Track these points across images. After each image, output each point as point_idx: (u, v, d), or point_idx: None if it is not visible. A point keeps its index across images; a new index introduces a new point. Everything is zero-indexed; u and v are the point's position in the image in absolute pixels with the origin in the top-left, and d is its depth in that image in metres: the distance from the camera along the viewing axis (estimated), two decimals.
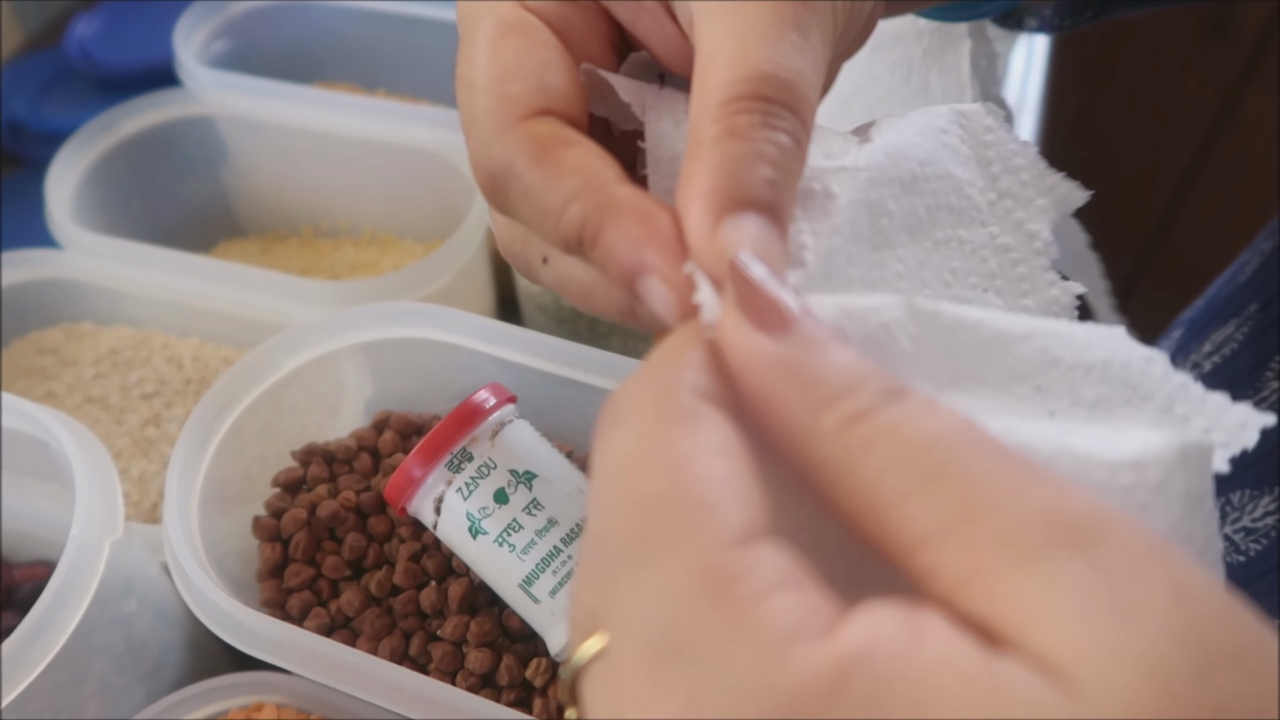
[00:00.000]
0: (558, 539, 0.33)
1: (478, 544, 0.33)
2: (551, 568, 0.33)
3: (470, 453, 0.33)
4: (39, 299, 0.51)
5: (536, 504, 0.33)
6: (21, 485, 0.41)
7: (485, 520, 0.33)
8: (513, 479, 0.33)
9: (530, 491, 0.33)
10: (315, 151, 0.59)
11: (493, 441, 0.34)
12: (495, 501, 0.33)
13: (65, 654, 0.32)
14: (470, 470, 0.33)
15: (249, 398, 0.39)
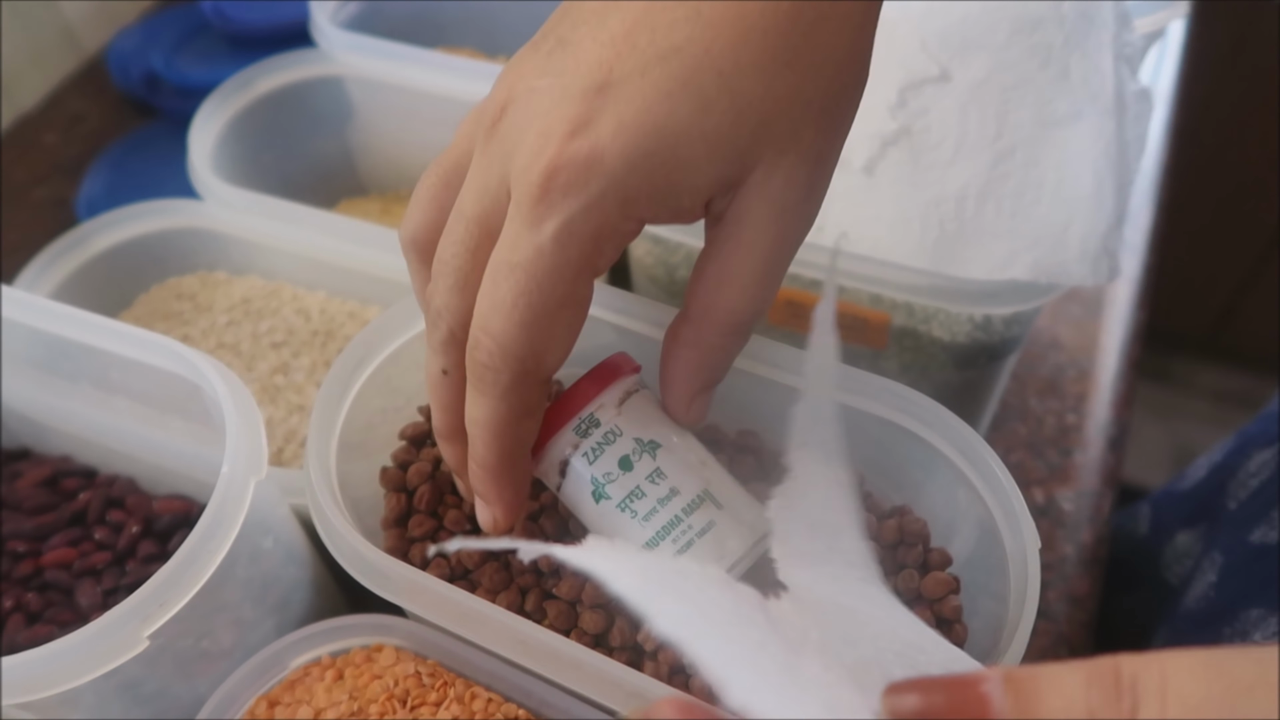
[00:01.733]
0: (679, 508, 0.33)
1: (600, 508, 0.34)
2: (671, 535, 0.33)
3: (597, 419, 0.34)
4: (180, 246, 0.54)
5: (659, 473, 0.34)
6: (165, 422, 0.43)
7: (609, 485, 0.33)
8: (637, 447, 0.34)
9: (654, 460, 0.34)
10: (437, 114, 0.60)
11: (619, 409, 0.34)
12: (620, 468, 0.33)
13: (211, 583, 0.34)
14: (597, 436, 0.34)
15: (385, 352, 0.41)
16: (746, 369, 0.40)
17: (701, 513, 0.33)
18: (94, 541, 0.44)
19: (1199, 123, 1.21)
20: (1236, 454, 0.55)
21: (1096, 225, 0.44)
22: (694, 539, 0.33)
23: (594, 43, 0.25)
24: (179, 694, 0.39)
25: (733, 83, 0.24)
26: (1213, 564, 0.52)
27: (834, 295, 0.33)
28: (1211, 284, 1.47)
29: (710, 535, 0.33)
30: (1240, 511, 0.49)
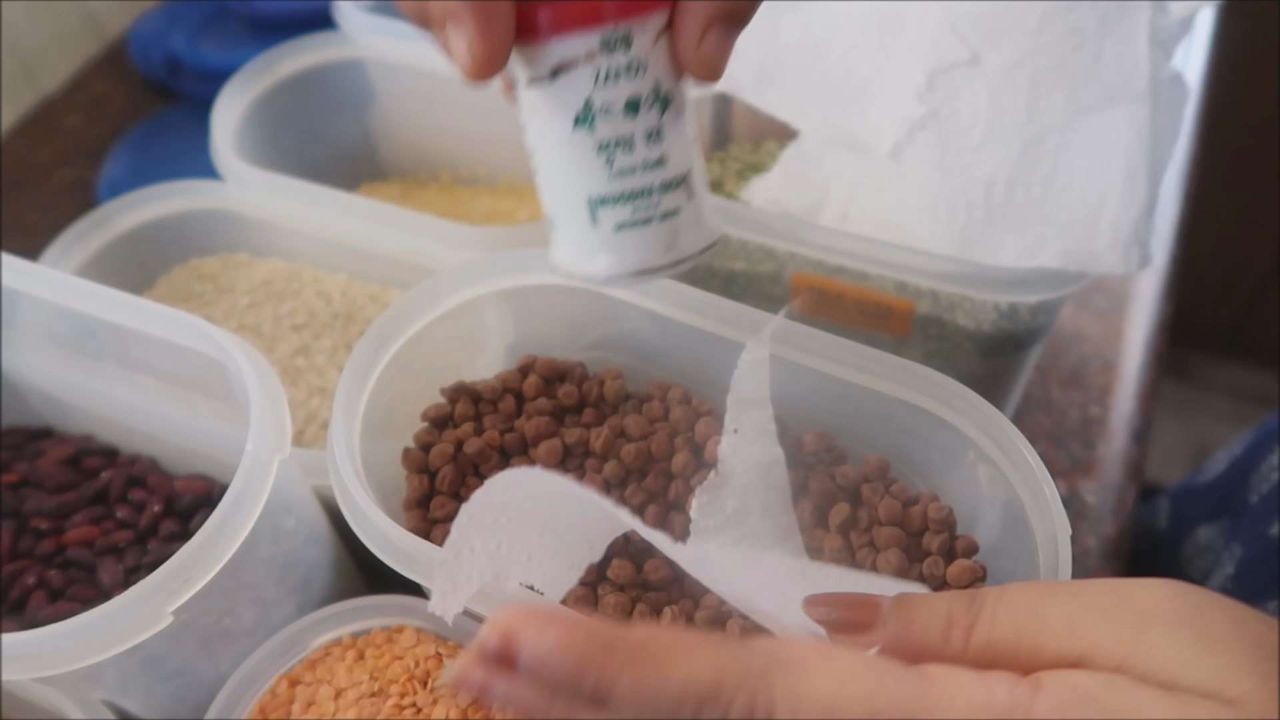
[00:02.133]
0: (658, 180, 0.29)
1: (573, 137, 0.28)
2: (634, 205, 0.29)
3: (631, 39, 0.27)
4: (202, 227, 0.54)
5: (658, 134, 0.28)
6: (190, 401, 0.43)
7: (601, 120, 0.28)
8: (652, 93, 0.28)
9: (659, 117, 0.28)
10: (457, 98, 0.60)
11: (655, 42, 0.27)
12: (625, 109, 0.28)
13: (234, 560, 0.34)
14: (621, 59, 0.27)
15: (407, 333, 0.41)
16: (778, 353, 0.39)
17: (674, 195, 0.29)
18: (116, 520, 0.44)
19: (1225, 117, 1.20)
20: (1258, 448, 0.54)
21: (1128, 212, 0.43)
22: (653, 218, 0.29)
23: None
24: (200, 671, 0.39)
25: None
26: (1231, 556, 0.51)
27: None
28: (1233, 282, 1.46)
29: (670, 222, 0.30)
30: (1261, 505, 0.48)
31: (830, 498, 0.38)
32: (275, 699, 0.38)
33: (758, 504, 0.36)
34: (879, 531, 0.36)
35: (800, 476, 0.38)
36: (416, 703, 0.37)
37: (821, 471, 0.38)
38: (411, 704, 0.37)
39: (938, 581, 0.36)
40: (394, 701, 0.37)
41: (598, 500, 0.27)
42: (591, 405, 0.42)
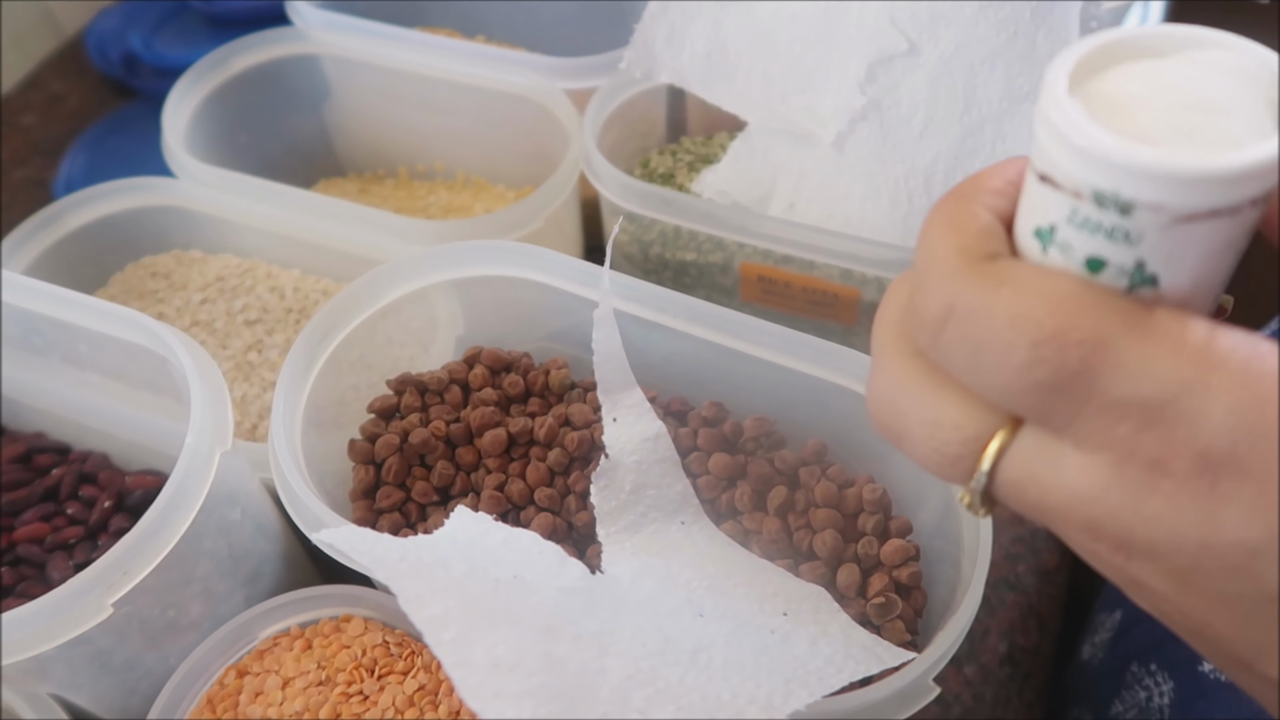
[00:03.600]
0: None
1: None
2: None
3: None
4: (154, 224, 0.54)
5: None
6: (137, 398, 0.43)
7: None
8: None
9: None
10: (415, 94, 0.60)
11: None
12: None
13: (176, 553, 0.35)
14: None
15: (350, 325, 0.41)
16: (719, 342, 0.40)
17: None
18: (66, 517, 0.44)
19: None
20: None
21: None
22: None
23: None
24: (150, 665, 0.39)
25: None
26: None
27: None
28: None
29: None
30: None
31: (769, 481, 0.38)
32: (223, 690, 0.38)
33: (652, 477, 0.38)
34: (815, 513, 0.37)
35: (740, 461, 0.39)
36: (363, 690, 0.37)
37: (760, 456, 0.39)
38: (358, 692, 0.37)
39: (872, 561, 0.36)
40: (341, 690, 0.37)
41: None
42: (537, 395, 0.42)
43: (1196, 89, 0.19)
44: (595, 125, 0.53)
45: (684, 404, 0.41)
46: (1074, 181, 0.18)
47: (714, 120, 0.60)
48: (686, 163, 0.57)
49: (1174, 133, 0.18)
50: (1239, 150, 0.17)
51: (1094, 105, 0.19)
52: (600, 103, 0.54)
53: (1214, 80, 0.19)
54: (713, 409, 0.41)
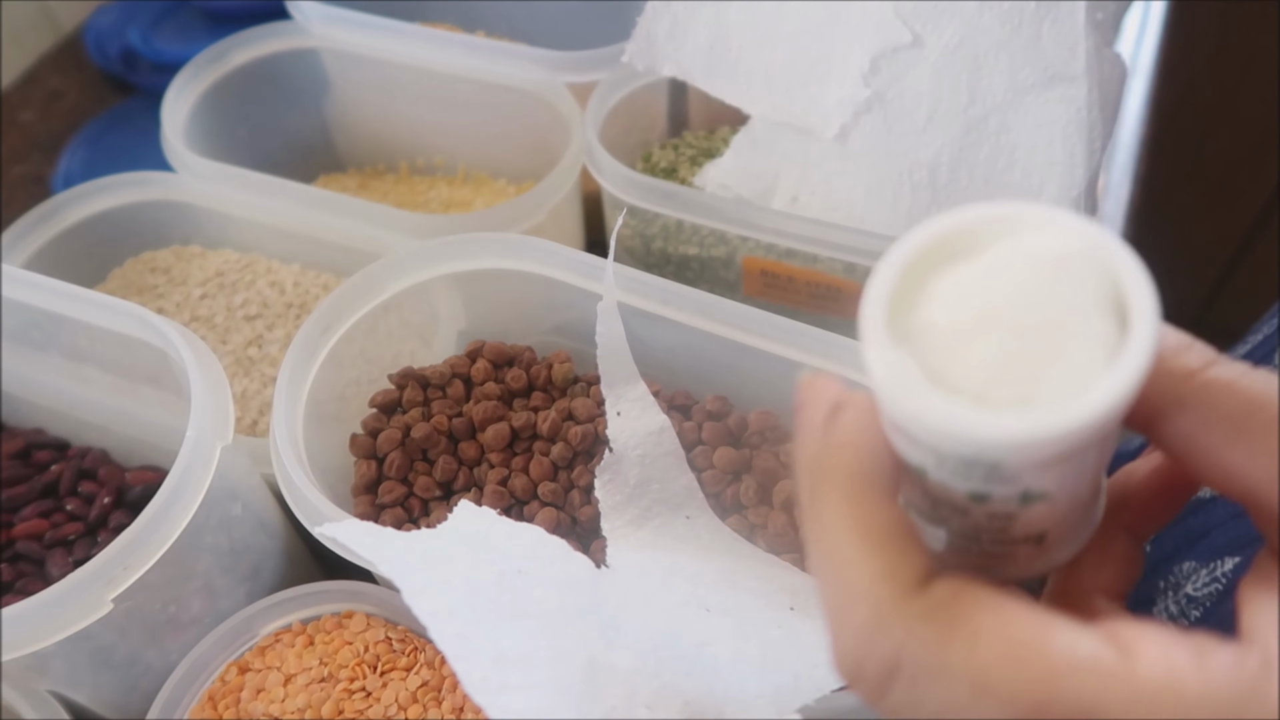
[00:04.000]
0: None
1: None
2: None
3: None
4: (153, 219, 0.53)
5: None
6: (137, 392, 0.43)
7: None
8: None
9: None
10: (415, 88, 0.60)
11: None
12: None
13: (177, 549, 0.34)
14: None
15: (351, 319, 0.41)
16: (723, 335, 0.40)
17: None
18: (66, 513, 0.44)
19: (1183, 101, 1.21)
20: None
21: (1068, 191, 0.44)
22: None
23: None
24: (150, 661, 0.39)
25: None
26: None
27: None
28: (1199, 264, 1.48)
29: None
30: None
31: (774, 475, 0.38)
32: (225, 686, 0.38)
33: (657, 471, 0.37)
34: None
35: (744, 455, 0.39)
36: (366, 687, 0.37)
37: (766, 450, 0.39)
38: (361, 688, 0.37)
39: None
40: (343, 686, 0.37)
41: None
42: (540, 389, 0.42)
43: (1027, 303, 0.17)
44: (597, 119, 0.53)
45: (688, 398, 0.41)
46: (930, 446, 0.17)
47: (716, 114, 0.60)
48: (689, 157, 0.57)
49: (1015, 376, 0.17)
50: (1082, 398, 0.16)
51: (922, 348, 0.17)
52: (601, 96, 0.54)
53: (1044, 285, 0.17)
54: (717, 403, 0.41)
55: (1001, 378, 0.17)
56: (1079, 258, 0.17)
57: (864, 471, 0.18)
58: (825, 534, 0.18)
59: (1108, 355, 0.16)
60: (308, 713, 0.36)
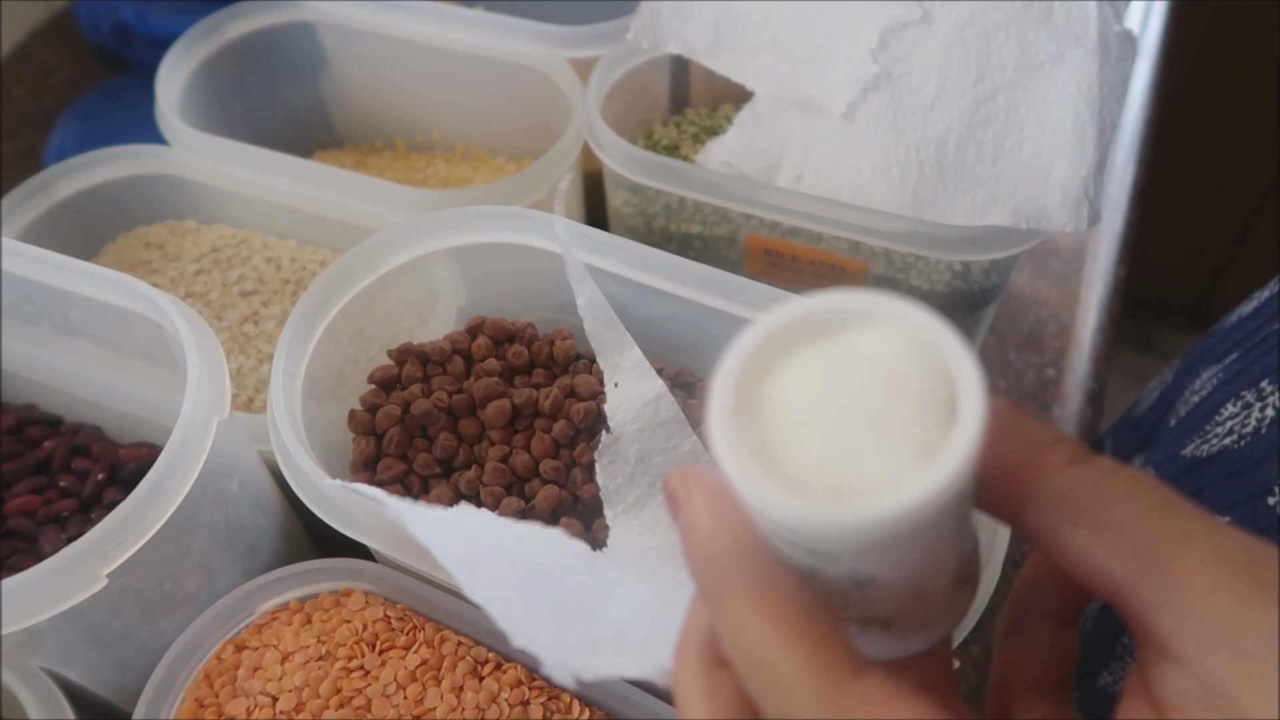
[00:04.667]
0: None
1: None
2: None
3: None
4: (146, 194, 0.53)
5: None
6: (132, 367, 0.42)
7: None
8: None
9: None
10: (413, 63, 0.59)
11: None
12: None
13: (172, 524, 0.34)
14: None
15: (349, 294, 0.40)
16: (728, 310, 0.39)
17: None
18: (59, 489, 0.43)
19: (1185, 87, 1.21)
20: (1185, 373, 0.55)
21: (1077, 170, 0.43)
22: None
23: None
24: (145, 639, 0.38)
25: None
26: None
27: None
28: (1196, 252, 1.47)
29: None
30: (1178, 428, 0.48)
31: None
32: (221, 664, 0.37)
33: (657, 442, 0.37)
34: None
35: None
36: (364, 665, 0.36)
37: None
38: (359, 667, 0.36)
39: None
40: (341, 665, 0.36)
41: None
42: (541, 366, 0.41)
43: (858, 396, 0.17)
44: (599, 95, 0.52)
45: (692, 375, 0.41)
46: (757, 513, 0.17)
47: (718, 92, 0.59)
48: (691, 134, 0.56)
49: (836, 466, 0.17)
50: (887, 496, 0.16)
51: (763, 426, 0.18)
52: (603, 72, 0.53)
53: (877, 380, 0.17)
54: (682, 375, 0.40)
55: (824, 465, 0.17)
56: (919, 355, 0.17)
57: (748, 550, 0.18)
58: (736, 631, 0.17)
59: (924, 455, 0.17)
60: (305, 691, 0.36)
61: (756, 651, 0.17)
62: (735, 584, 0.17)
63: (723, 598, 0.18)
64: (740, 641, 0.17)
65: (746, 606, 0.17)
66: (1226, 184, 1.35)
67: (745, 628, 0.17)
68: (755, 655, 0.17)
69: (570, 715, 0.36)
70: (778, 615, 0.17)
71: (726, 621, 0.18)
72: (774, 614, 0.17)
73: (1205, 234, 1.44)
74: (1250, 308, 0.48)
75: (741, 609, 0.17)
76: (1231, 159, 1.31)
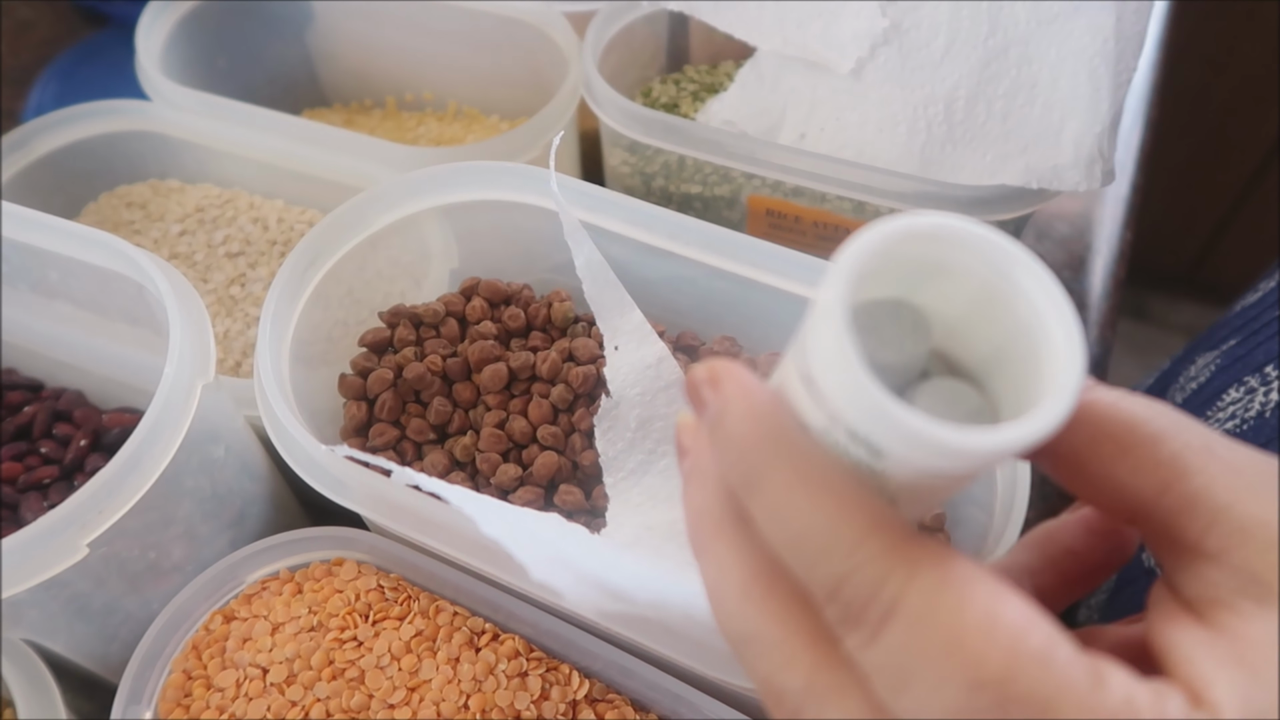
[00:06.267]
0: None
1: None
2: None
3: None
4: (128, 151, 0.51)
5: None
6: (114, 330, 0.41)
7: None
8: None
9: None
10: (403, 17, 0.57)
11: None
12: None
13: (156, 491, 0.32)
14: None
15: (338, 253, 0.39)
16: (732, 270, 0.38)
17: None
18: (40, 456, 0.42)
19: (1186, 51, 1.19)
20: (1182, 361, 0.54)
21: (1091, 127, 0.42)
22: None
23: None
24: (131, 610, 0.37)
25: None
26: None
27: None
28: (1191, 220, 1.46)
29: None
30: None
31: None
32: (209, 635, 0.36)
33: (659, 406, 0.36)
34: None
35: None
36: (357, 636, 0.35)
37: None
38: (352, 638, 0.35)
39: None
40: (334, 635, 0.35)
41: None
42: (538, 329, 0.40)
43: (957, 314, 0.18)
44: (595, 50, 0.50)
45: (695, 339, 0.39)
46: (835, 407, 0.17)
47: (718, 48, 0.58)
48: (690, 92, 0.55)
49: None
50: (994, 431, 0.16)
51: (858, 320, 0.18)
52: (600, 26, 0.51)
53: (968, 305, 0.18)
54: (725, 344, 0.39)
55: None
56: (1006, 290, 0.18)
57: (789, 434, 0.18)
58: (781, 507, 0.17)
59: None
60: (296, 663, 0.35)
61: (807, 521, 0.17)
62: (779, 462, 0.17)
63: (763, 478, 0.18)
64: (786, 516, 0.17)
65: (793, 481, 0.17)
66: (1225, 150, 1.34)
67: (791, 503, 0.17)
68: (805, 525, 0.17)
69: (569, 686, 0.35)
70: (829, 487, 0.17)
71: (769, 499, 0.18)
72: (826, 486, 0.17)
73: (1201, 202, 1.43)
74: (1254, 298, 0.47)
75: (788, 484, 0.17)
76: (1230, 124, 1.30)
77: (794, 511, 0.17)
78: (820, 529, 0.17)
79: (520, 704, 0.34)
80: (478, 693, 0.34)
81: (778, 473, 0.17)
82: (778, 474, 0.17)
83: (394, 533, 0.34)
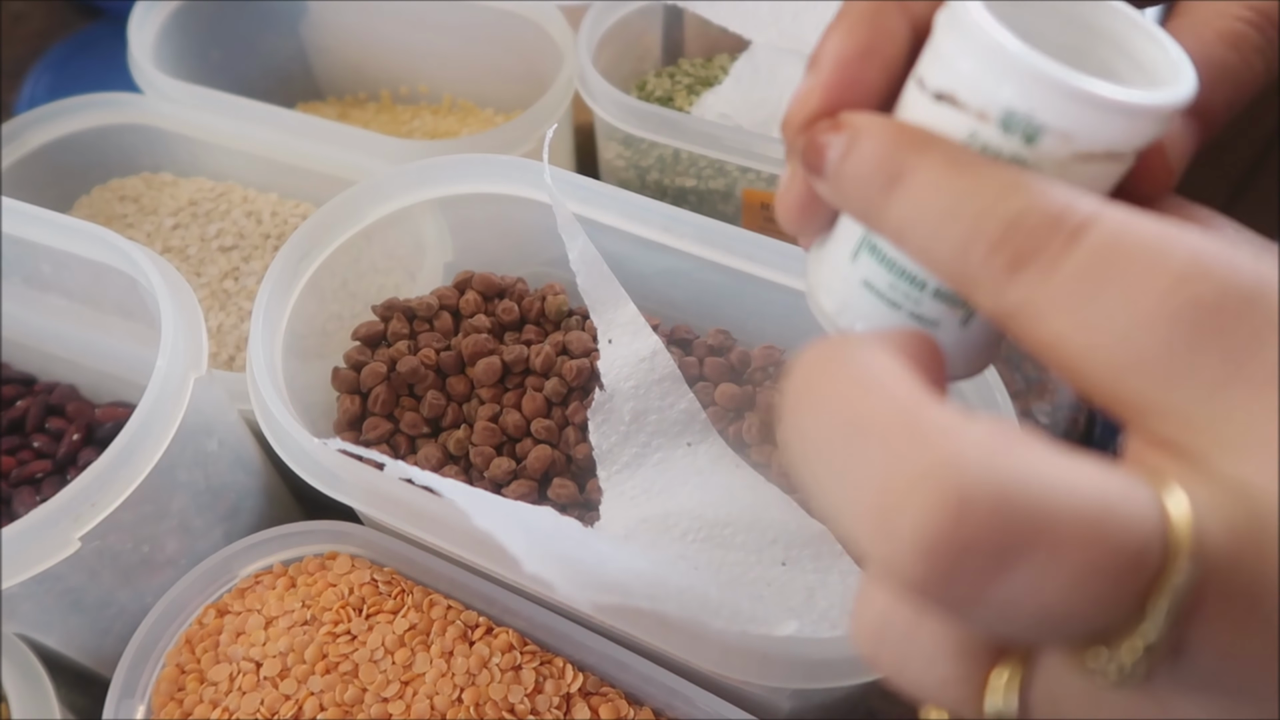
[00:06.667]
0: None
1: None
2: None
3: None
4: (121, 144, 0.51)
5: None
6: (107, 323, 0.41)
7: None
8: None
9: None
10: (398, 10, 0.57)
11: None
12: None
13: (148, 485, 0.32)
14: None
15: (331, 246, 0.38)
16: (726, 263, 0.38)
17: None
18: (33, 450, 0.42)
19: None
20: None
21: None
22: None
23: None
24: (124, 603, 0.37)
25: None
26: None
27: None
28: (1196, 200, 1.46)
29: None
30: None
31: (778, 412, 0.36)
32: (203, 629, 0.36)
33: (653, 400, 0.36)
34: None
35: (747, 392, 0.37)
36: (351, 630, 0.35)
37: (769, 386, 0.37)
38: (346, 631, 0.35)
39: None
40: (327, 629, 0.35)
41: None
42: (532, 322, 0.40)
43: (1086, 20, 0.18)
44: (590, 43, 0.50)
45: (689, 332, 0.39)
46: (984, 99, 0.17)
47: (713, 41, 0.58)
48: (685, 85, 0.55)
49: (1082, 62, 0.17)
50: (1164, 87, 0.16)
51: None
52: (595, 20, 0.51)
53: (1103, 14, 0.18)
54: (719, 336, 0.39)
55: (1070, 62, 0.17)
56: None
57: (925, 132, 0.17)
58: (948, 181, 0.16)
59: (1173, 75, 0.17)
60: (290, 656, 0.35)
61: (972, 182, 0.16)
62: (931, 148, 0.17)
63: (916, 165, 0.17)
64: (946, 183, 0.16)
65: (949, 158, 0.16)
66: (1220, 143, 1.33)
67: (950, 175, 0.16)
68: (970, 184, 0.16)
69: (563, 680, 0.35)
70: (988, 162, 0.16)
71: (922, 178, 0.17)
72: (984, 161, 0.16)
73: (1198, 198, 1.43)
74: None
75: (945, 160, 0.16)
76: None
77: (955, 177, 0.16)
78: (990, 181, 0.16)
79: (514, 697, 0.34)
80: (471, 686, 0.34)
81: (931, 154, 0.17)
82: (931, 155, 0.17)
83: (388, 526, 0.34)
